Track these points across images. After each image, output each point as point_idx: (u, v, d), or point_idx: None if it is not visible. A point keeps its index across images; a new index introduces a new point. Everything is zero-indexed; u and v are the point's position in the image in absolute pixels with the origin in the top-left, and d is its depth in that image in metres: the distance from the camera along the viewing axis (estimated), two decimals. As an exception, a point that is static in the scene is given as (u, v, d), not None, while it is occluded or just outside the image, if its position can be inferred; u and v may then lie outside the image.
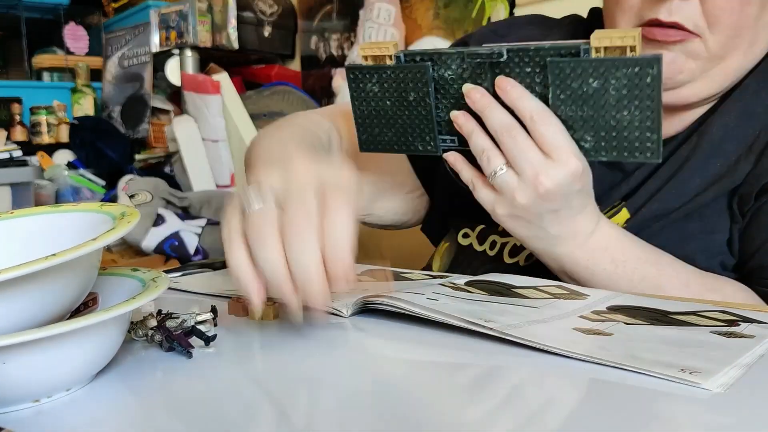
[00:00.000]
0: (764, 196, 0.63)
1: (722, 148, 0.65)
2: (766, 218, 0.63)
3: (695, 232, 0.65)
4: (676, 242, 0.64)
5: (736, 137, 0.64)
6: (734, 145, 0.64)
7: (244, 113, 1.83)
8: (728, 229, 0.65)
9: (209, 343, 0.47)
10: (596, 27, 0.67)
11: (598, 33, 0.51)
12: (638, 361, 0.39)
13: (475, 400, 0.37)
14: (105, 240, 0.39)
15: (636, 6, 0.64)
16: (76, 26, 2.51)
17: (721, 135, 0.65)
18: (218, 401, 0.37)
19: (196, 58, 2.12)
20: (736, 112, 0.65)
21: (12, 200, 1.56)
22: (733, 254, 0.65)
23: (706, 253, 0.65)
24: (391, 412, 0.36)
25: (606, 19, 0.70)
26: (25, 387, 0.37)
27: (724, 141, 0.65)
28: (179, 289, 0.67)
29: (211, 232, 1.48)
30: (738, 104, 0.65)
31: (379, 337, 0.50)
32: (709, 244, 0.65)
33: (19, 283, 0.36)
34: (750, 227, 0.64)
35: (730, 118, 0.65)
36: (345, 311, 0.53)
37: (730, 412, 0.34)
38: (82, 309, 0.48)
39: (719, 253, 0.65)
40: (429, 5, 1.88)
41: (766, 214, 0.63)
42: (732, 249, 0.65)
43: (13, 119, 2.20)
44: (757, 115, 0.64)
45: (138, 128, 2.13)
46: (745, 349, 0.41)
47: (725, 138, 0.65)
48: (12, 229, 0.48)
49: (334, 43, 2.17)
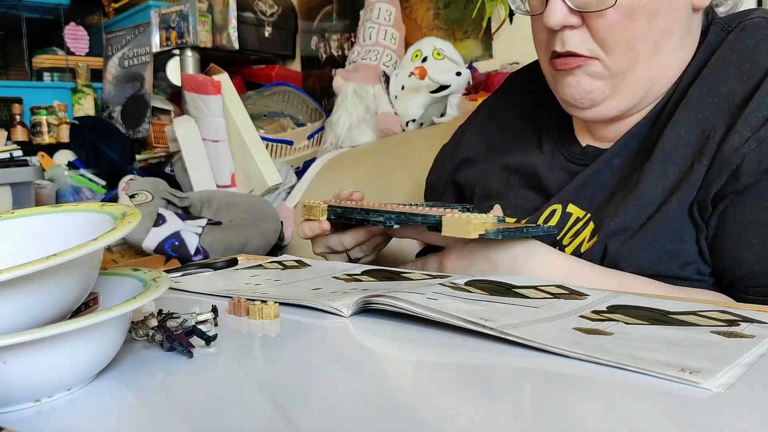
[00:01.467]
0: (721, 202, 0.64)
1: (676, 155, 0.66)
2: (730, 228, 0.64)
3: (665, 246, 0.65)
4: (652, 260, 0.65)
5: (687, 143, 0.66)
6: (687, 150, 0.66)
7: (245, 113, 1.83)
8: (695, 240, 0.66)
9: (210, 343, 0.47)
10: (529, 77, 0.89)
11: (446, 223, 0.61)
12: (638, 361, 0.39)
13: (475, 400, 0.37)
14: (106, 240, 0.39)
15: (544, 42, 0.72)
16: (76, 26, 2.51)
17: (673, 143, 0.67)
18: (218, 401, 0.37)
19: (197, 59, 2.12)
20: (684, 121, 0.67)
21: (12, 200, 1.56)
22: (705, 261, 0.66)
23: (680, 264, 0.65)
24: (391, 411, 0.36)
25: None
26: (26, 387, 0.37)
27: (676, 148, 0.67)
28: (180, 289, 0.67)
29: (211, 232, 1.48)
30: (685, 114, 0.67)
31: (380, 337, 0.50)
32: (681, 255, 0.65)
33: (20, 283, 0.36)
34: (718, 238, 0.65)
35: (679, 126, 0.67)
36: (345, 311, 0.53)
37: (730, 411, 0.34)
38: (83, 309, 0.48)
39: (693, 261, 0.66)
40: (429, 5, 1.88)
41: (730, 224, 0.64)
42: (703, 257, 0.66)
43: (14, 119, 2.20)
44: (705, 119, 0.66)
45: (138, 128, 2.13)
46: (745, 349, 0.41)
47: (677, 145, 0.67)
48: (12, 229, 0.48)
49: (334, 44, 2.17)
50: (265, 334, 0.51)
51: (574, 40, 0.68)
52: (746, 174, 0.61)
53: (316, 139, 2.00)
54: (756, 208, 0.63)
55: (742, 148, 0.61)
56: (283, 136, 1.93)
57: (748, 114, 0.62)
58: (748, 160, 0.61)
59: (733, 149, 0.62)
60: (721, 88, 0.66)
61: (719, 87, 0.66)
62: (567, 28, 0.68)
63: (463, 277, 0.62)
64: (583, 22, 0.67)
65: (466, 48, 1.77)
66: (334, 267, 0.74)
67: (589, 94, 0.70)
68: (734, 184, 0.62)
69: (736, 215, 0.63)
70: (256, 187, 1.79)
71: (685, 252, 0.65)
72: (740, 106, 0.63)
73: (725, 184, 0.62)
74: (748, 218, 0.63)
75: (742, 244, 0.63)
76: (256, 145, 1.79)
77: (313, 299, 0.56)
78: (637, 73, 0.69)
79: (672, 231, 0.65)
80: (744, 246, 0.63)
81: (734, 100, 0.64)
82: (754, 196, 0.62)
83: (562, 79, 0.71)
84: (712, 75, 0.67)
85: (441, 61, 1.64)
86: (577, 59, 0.69)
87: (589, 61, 0.68)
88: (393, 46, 1.85)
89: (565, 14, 0.66)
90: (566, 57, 0.69)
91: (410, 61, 1.69)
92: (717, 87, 0.66)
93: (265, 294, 0.60)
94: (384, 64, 1.82)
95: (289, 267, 0.77)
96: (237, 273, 0.77)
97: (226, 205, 1.61)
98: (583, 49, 0.68)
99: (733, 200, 0.63)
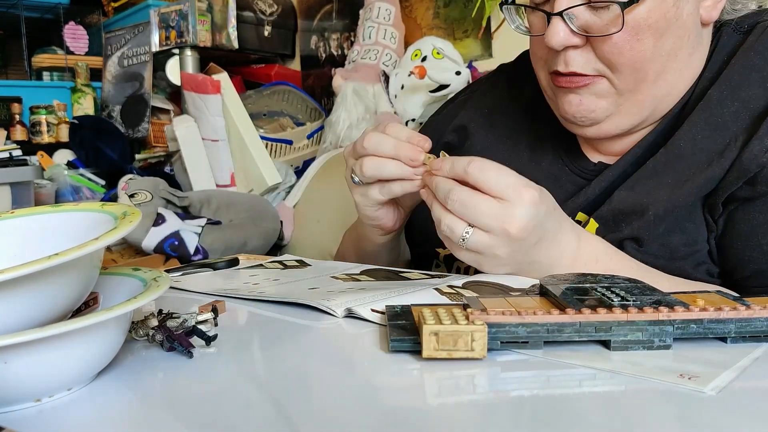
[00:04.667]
0: (731, 204, 0.63)
1: (693, 159, 0.65)
2: (740, 228, 0.64)
3: (679, 246, 0.65)
4: (667, 259, 0.65)
5: (706, 149, 0.65)
6: (705, 155, 0.65)
7: (244, 113, 1.82)
8: (706, 240, 0.65)
9: (210, 343, 0.47)
10: (521, 72, 0.84)
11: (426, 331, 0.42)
12: (637, 367, 0.39)
13: (474, 400, 0.37)
14: (107, 239, 0.39)
15: (543, 58, 0.69)
16: (75, 26, 2.51)
17: (690, 147, 0.65)
18: (218, 401, 0.37)
19: (196, 58, 2.12)
20: (702, 124, 0.66)
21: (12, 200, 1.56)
22: (714, 263, 0.66)
23: (692, 264, 0.65)
24: (390, 411, 0.36)
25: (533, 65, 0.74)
26: (26, 386, 0.37)
27: (694, 153, 0.65)
28: (180, 289, 0.67)
29: (210, 231, 1.48)
30: (703, 115, 0.66)
31: (379, 337, 0.50)
32: (693, 256, 0.65)
33: (21, 282, 0.36)
34: (726, 238, 0.65)
35: (697, 129, 0.66)
36: (339, 311, 0.53)
37: (724, 414, 0.34)
38: (84, 309, 0.48)
39: (704, 262, 0.66)
40: (429, 5, 1.88)
41: (739, 224, 0.64)
42: (712, 258, 0.66)
43: (13, 119, 2.20)
44: (726, 124, 0.64)
45: (138, 128, 2.13)
46: (742, 354, 0.41)
47: (695, 150, 0.65)
48: (12, 229, 0.48)
49: (334, 43, 2.17)
50: (265, 335, 0.51)
51: (578, 61, 0.65)
52: (763, 182, 0.61)
53: (316, 139, 2.00)
54: (766, 208, 0.62)
55: (762, 156, 0.60)
56: (283, 136, 1.93)
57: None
58: (767, 170, 0.60)
59: (753, 157, 0.61)
60: (742, 92, 0.65)
61: (740, 90, 0.65)
62: (570, 48, 0.64)
63: (461, 278, 0.62)
64: (587, 41, 0.64)
65: (465, 47, 1.77)
66: (335, 267, 0.74)
67: (591, 113, 0.67)
68: (749, 190, 0.62)
69: (747, 215, 0.63)
70: (255, 187, 1.79)
71: (697, 254, 0.65)
72: (762, 114, 0.62)
73: (739, 189, 0.62)
74: (757, 219, 0.63)
75: (750, 243, 0.63)
76: (256, 144, 1.79)
77: (308, 298, 0.56)
78: (642, 93, 0.66)
79: (687, 232, 0.65)
80: (752, 246, 0.63)
81: (756, 106, 0.63)
82: (765, 197, 0.62)
83: (564, 96, 0.68)
84: (733, 77, 0.66)
85: (441, 60, 1.64)
86: (584, 78, 0.66)
87: (596, 80, 0.65)
88: (393, 46, 1.85)
89: (567, 34, 0.63)
90: (570, 76, 0.66)
91: (410, 60, 1.69)
92: (738, 90, 0.65)
93: (263, 293, 0.60)
94: (384, 64, 1.82)
95: (289, 267, 0.77)
96: (237, 273, 0.77)
97: (225, 204, 1.61)
98: (588, 69, 0.65)
99: (744, 202, 0.63)
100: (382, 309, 0.51)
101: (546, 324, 0.43)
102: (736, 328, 0.43)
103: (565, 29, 0.63)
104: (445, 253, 0.80)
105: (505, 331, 0.43)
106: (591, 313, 0.43)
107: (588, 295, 0.46)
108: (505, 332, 0.43)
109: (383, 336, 0.48)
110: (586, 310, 0.43)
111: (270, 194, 1.81)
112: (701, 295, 0.48)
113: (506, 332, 0.43)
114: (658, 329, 0.42)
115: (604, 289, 0.47)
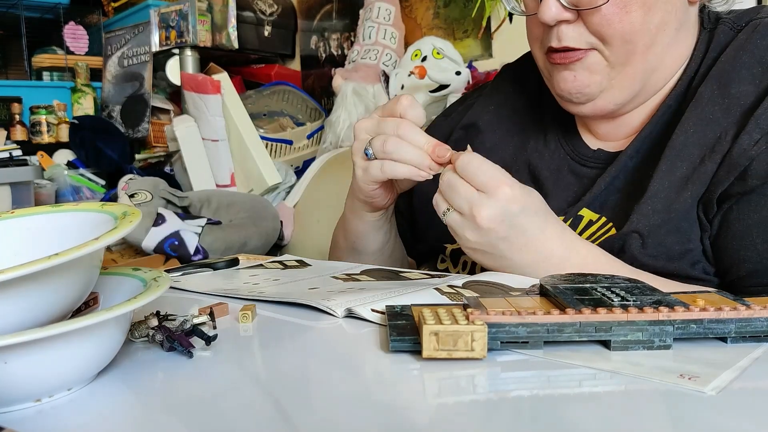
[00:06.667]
0: (725, 202, 0.64)
1: (685, 152, 0.67)
2: (734, 227, 0.64)
3: (674, 246, 0.66)
4: (665, 260, 0.66)
5: (698, 142, 0.66)
6: (697, 149, 0.66)
7: (244, 113, 1.82)
8: (699, 239, 0.66)
9: (210, 343, 0.47)
10: (525, 68, 0.86)
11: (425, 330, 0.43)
12: (637, 368, 0.39)
13: (473, 401, 0.37)
14: (107, 239, 0.39)
15: (539, 38, 0.73)
16: (75, 26, 2.51)
17: (682, 140, 0.67)
18: (218, 401, 0.37)
19: (196, 58, 2.12)
20: (694, 120, 0.67)
21: (12, 200, 1.56)
22: (708, 261, 0.66)
23: (688, 263, 0.66)
24: (390, 411, 0.36)
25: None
26: (26, 386, 0.37)
27: (686, 146, 0.67)
28: (179, 289, 0.67)
29: (210, 231, 1.48)
30: (694, 112, 0.67)
31: (379, 337, 0.50)
32: (689, 255, 0.66)
33: (21, 282, 0.36)
34: (721, 238, 0.65)
35: (689, 125, 0.67)
36: (339, 311, 0.53)
37: (725, 414, 0.34)
38: (84, 309, 0.48)
39: (699, 260, 0.66)
40: (429, 5, 1.88)
41: (733, 223, 0.64)
42: (707, 256, 0.66)
43: (13, 119, 2.20)
44: (716, 120, 0.66)
45: (138, 128, 2.13)
46: (742, 354, 0.41)
47: (686, 143, 0.67)
48: (12, 229, 0.48)
49: (334, 43, 2.17)
50: (265, 335, 0.51)
51: (570, 35, 0.68)
52: (754, 176, 0.61)
53: (316, 139, 2.00)
54: (761, 207, 0.63)
55: (751, 150, 0.61)
56: (283, 136, 1.93)
57: (759, 116, 0.62)
58: (756, 163, 0.61)
59: (742, 151, 0.62)
60: (732, 88, 0.66)
61: (730, 87, 0.66)
62: (563, 22, 0.68)
63: (461, 278, 0.62)
64: (579, 16, 0.68)
65: (465, 47, 1.77)
66: (335, 267, 0.74)
67: (585, 88, 0.70)
68: (741, 185, 0.62)
69: (740, 215, 0.63)
70: (255, 187, 1.79)
71: (692, 253, 0.66)
72: (751, 109, 0.63)
73: (732, 184, 0.63)
74: (752, 218, 0.63)
75: (745, 243, 0.63)
76: (256, 144, 1.79)
77: (308, 298, 0.56)
78: (633, 66, 0.69)
79: (682, 231, 0.65)
80: (747, 245, 0.63)
81: (745, 102, 0.65)
82: (760, 196, 0.63)
83: (558, 73, 0.71)
84: (722, 74, 0.67)
85: (441, 60, 1.64)
86: (576, 53, 0.69)
87: (588, 53, 0.69)
88: (393, 46, 1.85)
89: (559, 9, 0.67)
90: (564, 52, 0.69)
91: (410, 60, 1.69)
92: (728, 87, 0.66)
93: (263, 293, 0.60)
94: (384, 64, 1.82)
95: (289, 267, 0.77)
96: (237, 273, 0.77)
97: (225, 204, 1.61)
98: (580, 43, 0.68)
99: (738, 200, 0.63)
100: (382, 309, 0.51)
101: (546, 324, 0.43)
102: (736, 328, 0.43)
103: (556, 4, 0.67)
104: (453, 248, 0.82)
105: (505, 331, 0.43)
106: (591, 313, 0.43)
107: (588, 295, 0.46)
108: (505, 332, 0.43)
109: (383, 336, 0.48)
110: (586, 310, 0.43)
111: (270, 194, 1.81)
112: (701, 295, 0.48)
113: (506, 332, 0.43)
114: (659, 329, 0.42)
115: (604, 289, 0.47)
